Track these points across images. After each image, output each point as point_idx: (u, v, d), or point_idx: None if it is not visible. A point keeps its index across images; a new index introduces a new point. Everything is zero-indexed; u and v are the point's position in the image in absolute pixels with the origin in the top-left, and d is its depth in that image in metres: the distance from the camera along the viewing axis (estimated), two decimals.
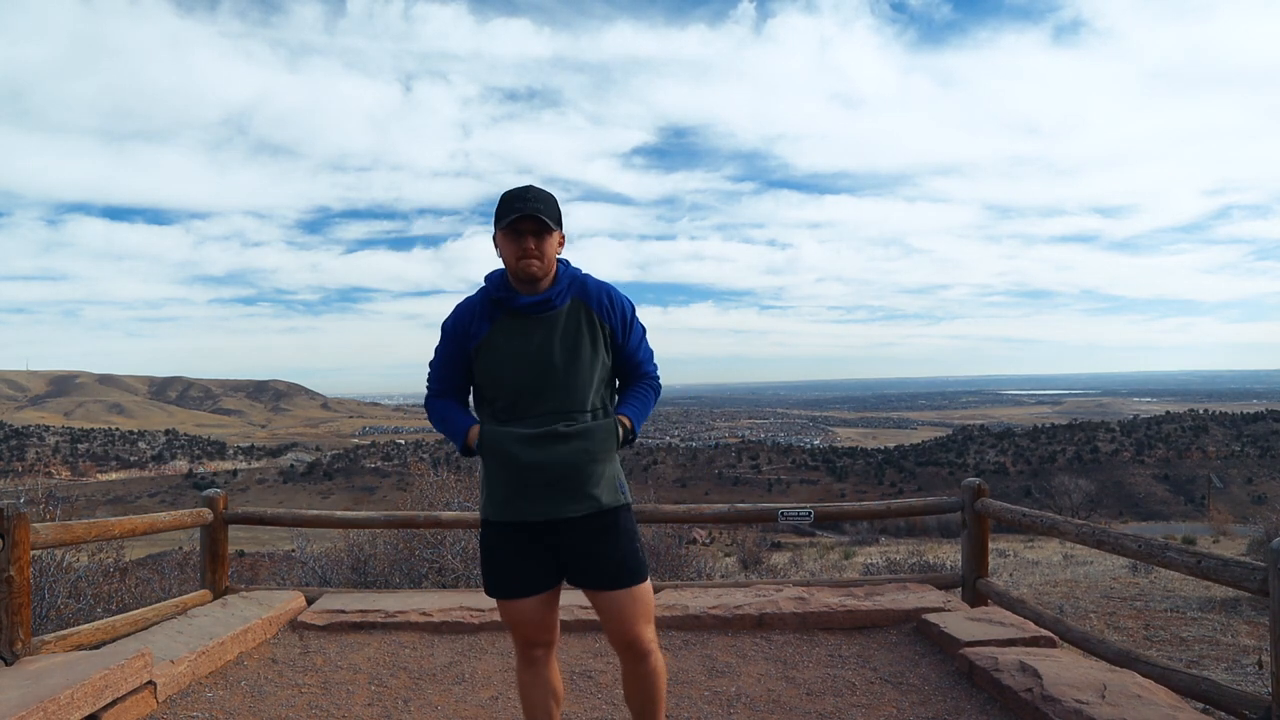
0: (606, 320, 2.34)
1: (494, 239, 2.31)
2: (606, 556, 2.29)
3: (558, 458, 2.23)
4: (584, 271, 2.43)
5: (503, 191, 2.28)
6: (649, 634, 2.36)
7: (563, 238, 2.32)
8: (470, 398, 2.48)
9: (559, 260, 2.35)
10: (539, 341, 2.27)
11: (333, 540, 8.54)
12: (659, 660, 2.39)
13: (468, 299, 2.41)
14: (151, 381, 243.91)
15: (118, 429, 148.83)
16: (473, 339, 2.32)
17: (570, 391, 2.26)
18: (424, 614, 4.61)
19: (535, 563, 2.31)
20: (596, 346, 2.31)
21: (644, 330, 2.47)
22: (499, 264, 2.35)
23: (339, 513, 5.76)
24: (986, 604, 4.83)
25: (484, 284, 2.39)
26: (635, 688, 2.40)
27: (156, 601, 5.24)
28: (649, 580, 2.39)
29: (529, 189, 2.25)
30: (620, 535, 2.32)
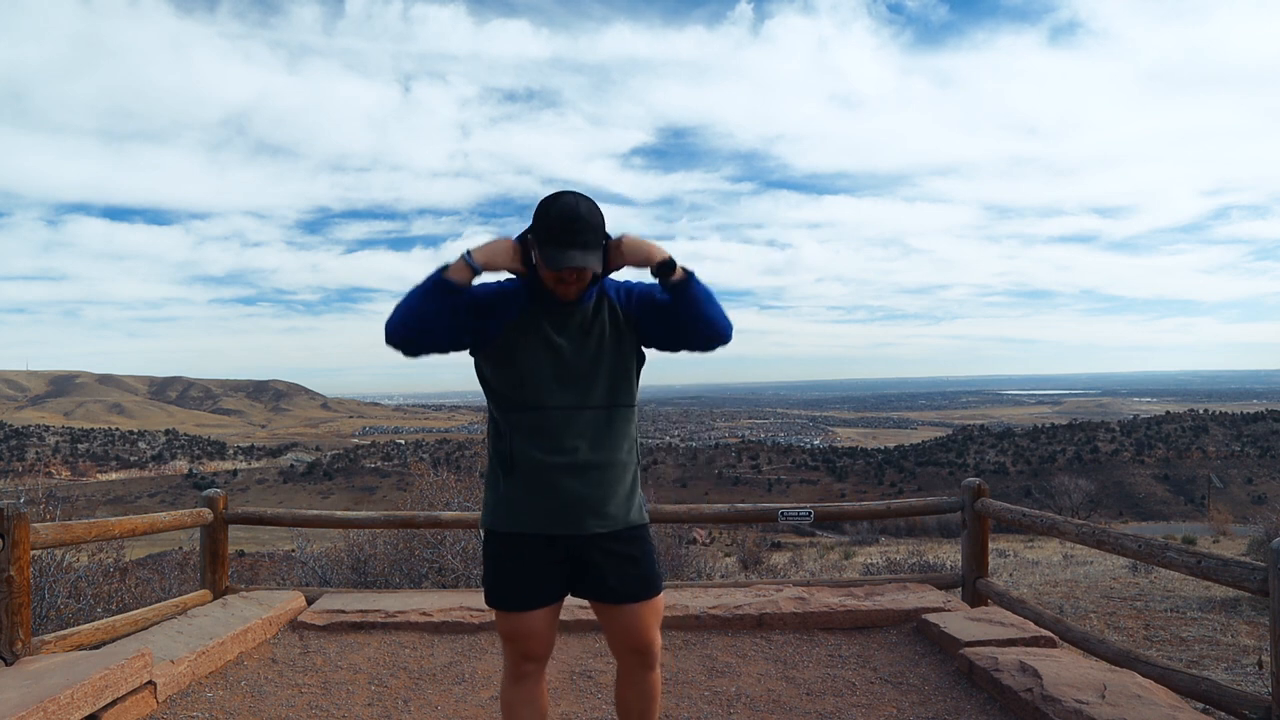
0: (618, 300, 2.23)
1: (528, 239, 2.13)
2: (632, 572, 2.21)
3: (586, 475, 2.13)
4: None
5: (544, 200, 2.07)
6: (659, 642, 2.32)
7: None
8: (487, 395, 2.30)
9: None
10: (573, 330, 2.16)
11: (333, 540, 8.54)
12: (659, 672, 2.37)
13: (500, 281, 2.25)
14: (151, 381, 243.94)
15: (118, 429, 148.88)
16: (498, 314, 2.16)
17: (599, 383, 2.17)
18: (424, 614, 4.61)
19: (545, 573, 2.20)
20: (620, 335, 2.20)
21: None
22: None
23: (339, 513, 5.76)
24: (986, 604, 4.83)
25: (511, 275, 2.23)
26: (635, 694, 2.35)
27: (156, 601, 5.24)
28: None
29: (577, 219, 2.03)
30: (645, 549, 2.25)
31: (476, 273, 2.08)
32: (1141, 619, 5.59)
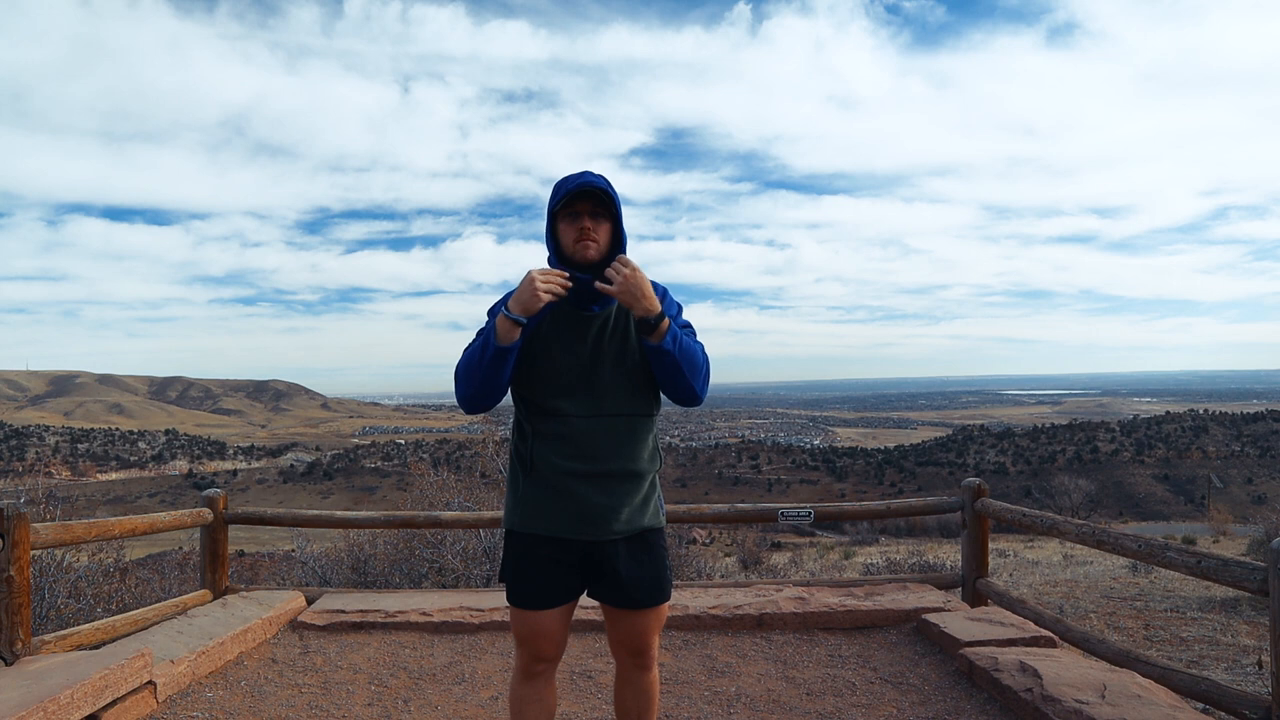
0: None
1: (546, 232, 2.21)
2: (643, 577, 2.24)
3: (604, 483, 2.17)
4: None
5: (558, 180, 2.19)
6: (657, 644, 2.35)
7: (620, 235, 2.21)
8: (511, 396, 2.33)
9: None
10: (592, 339, 2.19)
11: (333, 540, 8.55)
12: (657, 673, 2.41)
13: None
14: (151, 381, 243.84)
15: (118, 429, 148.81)
16: (530, 323, 2.17)
17: (617, 392, 2.19)
18: (424, 614, 4.61)
19: (561, 573, 2.23)
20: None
21: (680, 308, 2.31)
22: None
23: (339, 513, 5.76)
24: (986, 604, 4.83)
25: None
26: (632, 694, 2.38)
27: (156, 601, 5.24)
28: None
29: (586, 171, 2.18)
30: (658, 554, 2.29)
31: (521, 324, 2.10)
32: (1141, 619, 5.59)
